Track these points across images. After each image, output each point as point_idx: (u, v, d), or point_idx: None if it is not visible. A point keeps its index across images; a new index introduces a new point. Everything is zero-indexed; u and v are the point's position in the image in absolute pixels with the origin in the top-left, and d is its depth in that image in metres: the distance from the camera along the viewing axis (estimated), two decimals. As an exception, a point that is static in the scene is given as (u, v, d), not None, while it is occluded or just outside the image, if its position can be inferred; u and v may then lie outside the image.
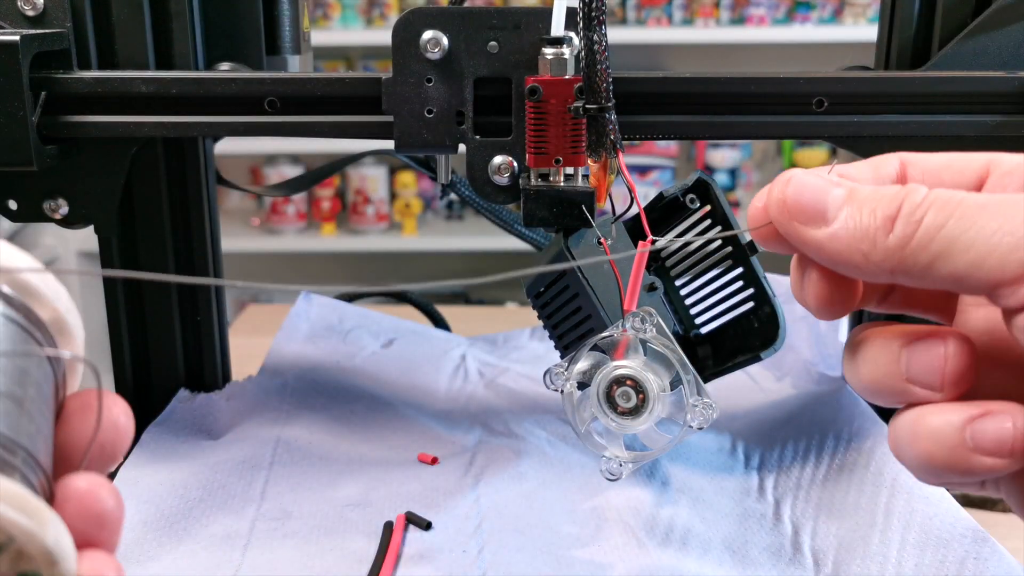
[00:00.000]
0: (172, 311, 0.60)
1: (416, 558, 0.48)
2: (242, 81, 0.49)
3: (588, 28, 0.43)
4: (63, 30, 0.50)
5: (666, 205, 0.52)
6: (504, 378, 0.70)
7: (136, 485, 0.52)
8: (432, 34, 0.47)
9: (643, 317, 0.45)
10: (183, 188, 0.58)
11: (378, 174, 2.39)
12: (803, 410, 0.60)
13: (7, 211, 0.53)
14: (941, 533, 0.44)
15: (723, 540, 0.49)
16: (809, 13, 2.29)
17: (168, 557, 0.47)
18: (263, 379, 0.65)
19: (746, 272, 0.52)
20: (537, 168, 0.46)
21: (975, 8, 0.50)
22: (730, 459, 0.57)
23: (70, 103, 0.49)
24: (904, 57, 0.52)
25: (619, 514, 0.51)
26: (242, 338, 0.75)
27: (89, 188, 0.53)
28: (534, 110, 0.45)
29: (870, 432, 0.53)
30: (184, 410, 0.59)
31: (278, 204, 2.39)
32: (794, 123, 0.49)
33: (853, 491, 0.50)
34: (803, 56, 2.41)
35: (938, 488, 0.48)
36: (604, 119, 0.44)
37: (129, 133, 0.50)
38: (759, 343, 0.51)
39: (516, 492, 0.53)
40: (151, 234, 0.58)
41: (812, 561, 0.47)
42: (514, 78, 0.47)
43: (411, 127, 0.48)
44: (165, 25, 0.53)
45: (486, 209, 0.67)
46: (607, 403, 0.45)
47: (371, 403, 0.63)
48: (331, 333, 0.76)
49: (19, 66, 0.47)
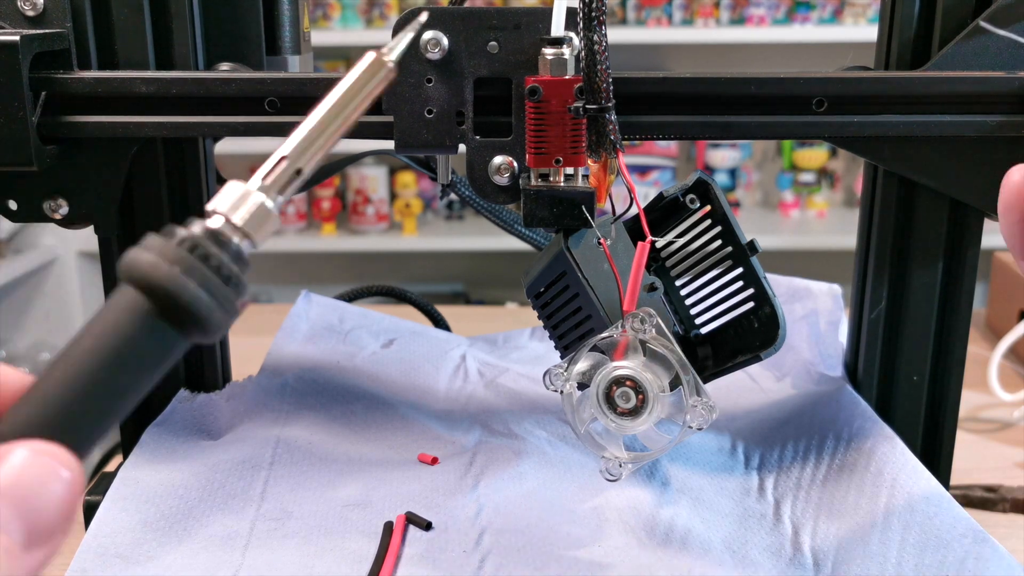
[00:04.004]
0: (172, 311, 0.60)
1: (416, 558, 0.48)
2: (242, 81, 0.49)
3: (588, 28, 0.43)
4: (63, 30, 0.50)
5: (666, 205, 0.52)
6: (504, 378, 0.70)
7: (136, 485, 0.52)
8: (432, 34, 0.47)
9: (643, 318, 0.45)
10: (183, 188, 0.58)
11: (378, 174, 2.39)
12: (803, 410, 0.60)
13: (7, 211, 0.53)
14: (941, 533, 0.44)
15: (723, 540, 0.49)
16: (809, 13, 2.29)
17: (168, 557, 0.47)
18: (263, 379, 0.65)
19: (746, 272, 0.52)
20: (537, 168, 0.46)
21: (975, 8, 0.50)
22: (730, 459, 0.57)
23: (70, 103, 0.49)
24: (904, 57, 0.52)
25: (619, 514, 0.51)
26: (242, 338, 0.75)
27: (89, 188, 0.53)
28: (534, 110, 0.45)
29: (870, 432, 0.53)
30: (184, 410, 0.59)
31: (278, 204, 2.38)
32: (794, 123, 0.49)
33: (853, 491, 0.50)
34: (803, 56, 2.41)
35: (938, 488, 0.48)
36: (604, 119, 0.44)
37: (129, 133, 0.50)
38: (759, 343, 0.51)
39: (516, 492, 0.53)
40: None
41: (812, 561, 0.47)
42: (514, 78, 0.47)
43: (411, 127, 0.48)
44: (165, 25, 0.54)
45: (486, 209, 0.67)
46: (607, 404, 0.45)
47: (371, 403, 0.63)
48: (331, 333, 0.75)
49: (19, 66, 0.47)
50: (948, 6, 0.51)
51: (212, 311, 0.25)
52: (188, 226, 0.26)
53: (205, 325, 0.25)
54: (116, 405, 0.24)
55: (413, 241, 2.38)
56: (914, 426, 0.57)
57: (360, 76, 0.31)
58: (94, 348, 0.24)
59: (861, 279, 0.58)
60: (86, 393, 0.23)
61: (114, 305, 0.24)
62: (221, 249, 0.26)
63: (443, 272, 2.66)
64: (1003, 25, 0.49)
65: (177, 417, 0.59)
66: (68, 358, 0.24)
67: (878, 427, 0.54)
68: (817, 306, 0.70)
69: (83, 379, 0.23)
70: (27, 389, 0.24)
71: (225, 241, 0.26)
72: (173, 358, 0.25)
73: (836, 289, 0.71)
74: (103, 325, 0.24)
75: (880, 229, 0.55)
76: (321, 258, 2.63)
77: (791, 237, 2.32)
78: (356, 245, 2.39)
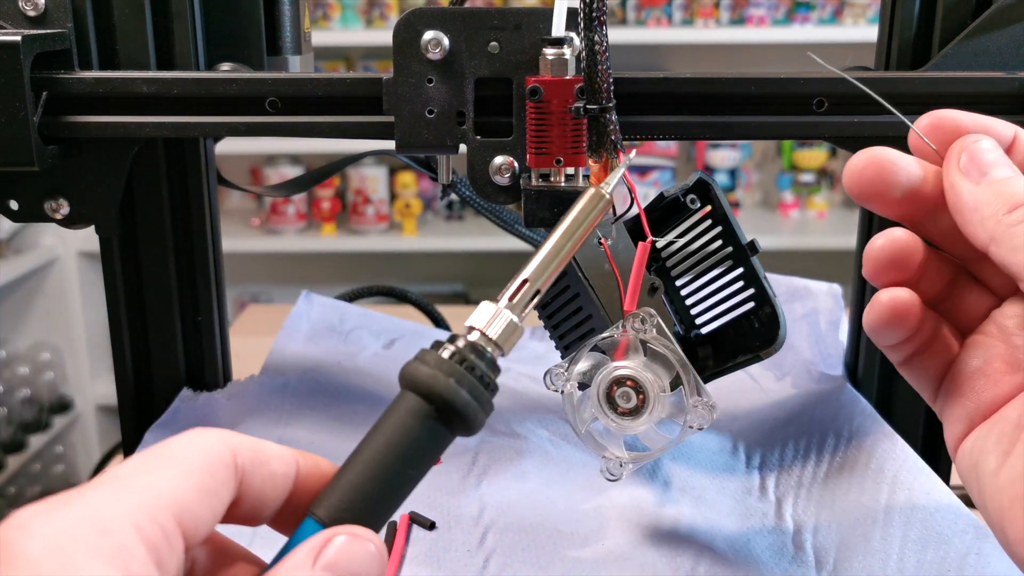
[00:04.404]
0: (173, 311, 0.60)
1: (420, 558, 0.48)
2: (243, 81, 0.49)
3: (589, 29, 0.43)
4: (64, 30, 0.50)
5: (667, 205, 0.52)
6: (505, 378, 0.70)
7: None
8: (433, 34, 0.47)
9: (643, 318, 0.45)
10: (184, 188, 0.58)
11: (378, 174, 2.39)
12: (804, 409, 0.60)
13: (8, 211, 0.53)
14: (943, 530, 0.45)
15: (725, 539, 0.49)
16: (809, 13, 2.29)
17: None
18: (265, 379, 0.65)
19: (746, 272, 0.52)
20: (538, 168, 0.46)
21: (975, 8, 0.50)
22: (731, 459, 0.57)
23: (71, 103, 0.49)
24: (904, 57, 0.52)
25: (622, 513, 0.51)
26: (242, 338, 0.75)
27: (90, 188, 0.53)
28: (535, 110, 0.45)
29: (871, 431, 0.53)
30: (187, 409, 0.59)
31: (278, 204, 2.39)
32: (794, 123, 0.49)
33: (854, 489, 0.50)
34: (803, 56, 2.40)
35: (939, 485, 0.48)
36: (605, 119, 0.44)
37: (130, 133, 0.50)
38: (759, 343, 0.51)
39: (519, 492, 0.53)
40: (152, 234, 0.58)
41: (814, 559, 0.47)
42: (515, 78, 0.47)
43: (412, 127, 0.48)
44: (166, 25, 0.54)
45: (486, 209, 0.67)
46: (607, 403, 0.45)
47: (373, 403, 0.63)
48: (332, 333, 0.76)
49: (20, 66, 0.47)
50: (948, 6, 0.51)
51: (477, 413, 0.30)
52: (454, 341, 0.31)
53: (471, 425, 0.30)
54: (404, 492, 0.30)
55: (413, 241, 2.38)
56: (914, 425, 0.57)
57: (584, 207, 0.37)
58: (387, 445, 0.30)
59: (861, 279, 0.58)
60: (383, 483, 0.29)
61: (400, 409, 0.30)
62: (481, 359, 0.31)
63: (443, 272, 2.66)
64: (1003, 26, 0.49)
65: (180, 417, 0.59)
66: (365, 453, 0.30)
67: (878, 425, 0.54)
68: (817, 305, 0.70)
69: (380, 472, 0.29)
70: (332, 478, 0.30)
71: (483, 352, 0.32)
72: (442, 452, 0.31)
73: (836, 289, 0.71)
74: (392, 426, 0.30)
75: (880, 229, 0.55)
76: (321, 258, 2.63)
77: (791, 237, 2.32)
78: (356, 245, 2.39)
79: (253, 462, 0.28)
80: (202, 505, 0.26)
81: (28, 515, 0.24)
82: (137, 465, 0.26)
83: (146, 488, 0.25)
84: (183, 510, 0.26)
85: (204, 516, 0.26)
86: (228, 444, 0.28)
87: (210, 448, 0.27)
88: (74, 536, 0.24)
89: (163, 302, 0.60)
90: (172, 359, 0.61)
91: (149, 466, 0.26)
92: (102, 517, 0.24)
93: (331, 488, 0.29)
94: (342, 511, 0.29)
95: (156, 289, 0.59)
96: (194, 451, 0.27)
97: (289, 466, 0.30)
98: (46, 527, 0.24)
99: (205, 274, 0.60)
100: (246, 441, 0.29)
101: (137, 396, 0.61)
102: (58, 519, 0.24)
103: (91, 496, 0.25)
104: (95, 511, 0.24)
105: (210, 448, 0.27)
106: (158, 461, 0.27)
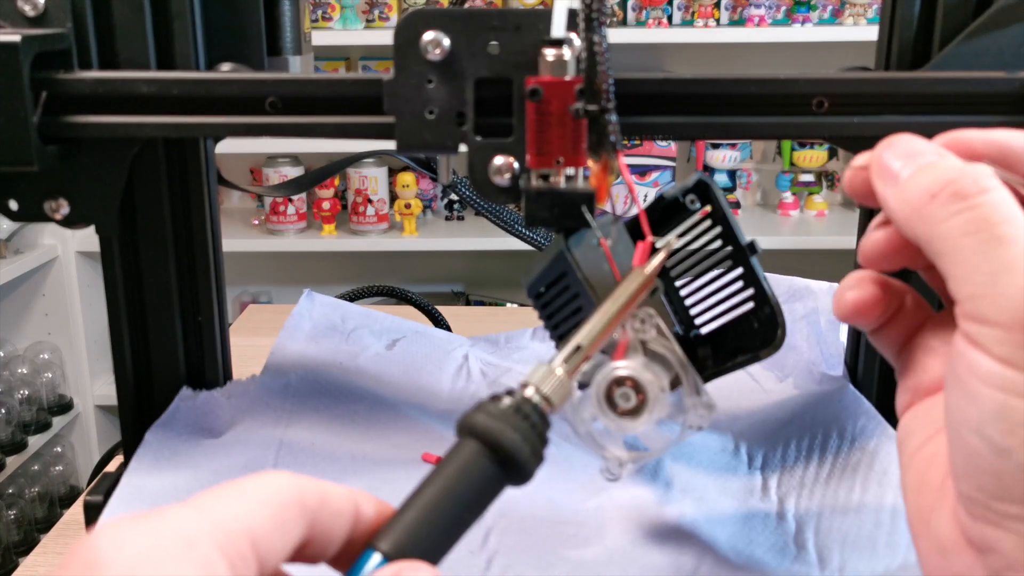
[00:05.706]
0: (173, 310, 0.60)
1: (418, 558, 0.48)
2: (243, 82, 0.49)
3: (589, 29, 0.43)
4: (64, 30, 0.50)
5: (666, 206, 0.52)
6: (507, 378, 0.70)
7: (140, 491, 0.52)
8: (433, 35, 0.47)
9: (643, 318, 0.45)
10: (184, 188, 0.58)
11: (378, 175, 2.38)
12: (805, 410, 0.60)
13: (8, 211, 0.53)
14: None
15: (727, 539, 0.49)
16: (809, 13, 2.29)
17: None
18: (266, 378, 0.65)
19: (746, 273, 0.52)
20: (538, 169, 0.46)
21: (975, 8, 0.50)
22: (733, 459, 0.57)
23: (71, 103, 0.49)
24: (904, 57, 0.52)
25: (624, 513, 0.51)
26: (243, 338, 0.75)
27: (90, 188, 0.53)
28: (535, 111, 0.45)
29: (874, 431, 0.53)
30: (187, 408, 0.59)
31: (278, 204, 2.39)
32: (794, 123, 0.49)
33: (858, 490, 0.50)
34: (803, 56, 2.41)
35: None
36: (605, 120, 0.44)
37: (130, 133, 0.50)
38: (759, 343, 0.51)
39: (520, 491, 0.53)
40: (152, 234, 0.58)
41: (816, 559, 0.47)
42: (515, 79, 0.47)
43: (412, 128, 0.48)
44: (166, 26, 0.54)
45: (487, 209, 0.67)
46: (607, 403, 0.45)
47: (374, 403, 0.63)
48: (334, 333, 0.76)
49: (20, 66, 0.47)
50: (948, 6, 0.51)
51: (530, 461, 0.33)
52: (512, 394, 0.35)
53: (524, 472, 0.33)
54: (460, 533, 0.32)
55: (413, 241, 2.38)
56: (915, 426, 0.57)
57: (629, 283, 0.42)
58: (448, 488, 0.32)
59: (862, 279, 0.58)
60: (444, 523, 0.31)
61: (461, 454, 0.32)
62: (536, 413, 0.34)
63: (443, 272, 2.66)
64: (1004, 26, 0.49)
65: (180, 416, 0.59)
66: (427, 494, 0.31)
67: (882, 427, 0.54)
68: (818, 305, 0.70)
69: (441, 513, 0.31)
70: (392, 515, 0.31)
71: (537, 406, 0.35)
72: (495, 498, 0.33)
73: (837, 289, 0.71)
74: (454, 471, 0.32)
75: (881, 229, 0.55)
76: (321, 258, 2.63)
77: (791, 237, 2.32)
78: (356, 245, 2.39)
79: (320, 501, 0.29)
80: (274, 537, 0.27)
81: (116, 525, 0.25)
82: (213, 494, 0.27)
83: (224, 513, 0.26)
84: (258, 538, 0.26)
85: (276, 548, 0.27)
86: (298, 485, 0.29)
87: (281, 487, 0.28)
88: (165, 546, 0.25)
89: (163, 302, 0.60)
90: (172, 359, 0.61)
91: (225, 496, 0.27)
92: (187, 531, 0.25)
93: (395, 524, 0.31)
94: (408, 546, 0.30)
95: (156, 289, 0.59)
96: (268, 488, 0.28)
97: (350, 504, 0.31)
98: (137, 537, 0.25)
99: (205, 274, 0.60)
100: (312, 482, 0.29)
101: (137, 396, 0.61)
102: (147, 530, 0.25)
103: (174, 514, 0.26)
104: (180, 526, 0.25)
105: (281, 487, 0.28)
106: (234, 492, 0.28)
